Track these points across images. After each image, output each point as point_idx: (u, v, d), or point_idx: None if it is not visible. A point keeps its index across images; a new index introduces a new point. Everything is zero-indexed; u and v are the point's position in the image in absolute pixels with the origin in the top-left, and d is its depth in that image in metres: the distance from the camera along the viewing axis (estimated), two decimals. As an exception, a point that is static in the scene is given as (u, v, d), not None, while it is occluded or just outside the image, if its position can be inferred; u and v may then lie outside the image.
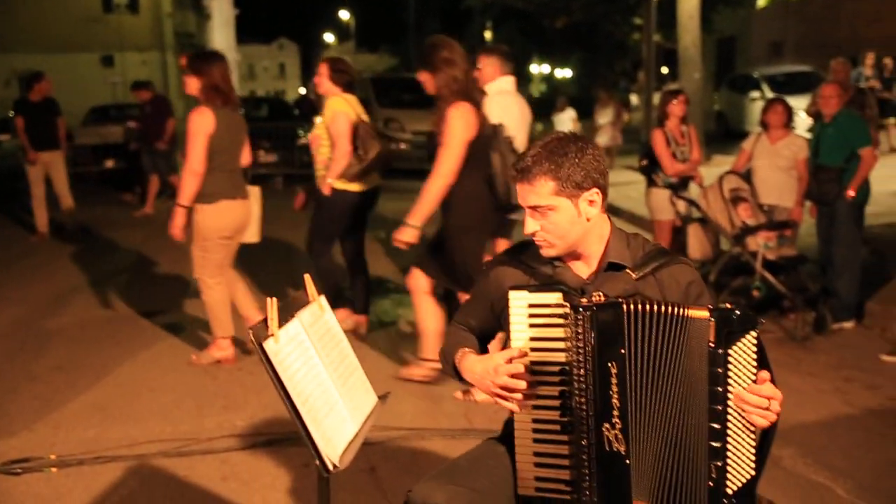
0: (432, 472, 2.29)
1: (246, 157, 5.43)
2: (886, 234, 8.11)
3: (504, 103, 5.89)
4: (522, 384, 2.15)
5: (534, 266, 2.33)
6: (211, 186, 5.09)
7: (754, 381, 2.00)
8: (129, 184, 13.56)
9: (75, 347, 5.88)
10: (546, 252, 2.26)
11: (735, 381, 2.01)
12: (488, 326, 2.49)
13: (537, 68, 44.59)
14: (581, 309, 2.07)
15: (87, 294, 7.40)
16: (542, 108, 19.06)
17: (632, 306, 2.04)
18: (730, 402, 2.01)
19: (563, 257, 2.29)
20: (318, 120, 5.99)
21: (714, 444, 2.02)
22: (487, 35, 39.13)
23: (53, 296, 7.34)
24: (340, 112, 5.63)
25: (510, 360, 2.17)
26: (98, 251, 9.47)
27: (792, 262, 6.25)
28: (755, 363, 2.00)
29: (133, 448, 4.13)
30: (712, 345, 2.00)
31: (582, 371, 2.09)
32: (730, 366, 2.00)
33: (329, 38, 70.93)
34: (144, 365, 5.44)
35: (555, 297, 2.16)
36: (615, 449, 2.08)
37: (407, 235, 4.67)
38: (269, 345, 2.10)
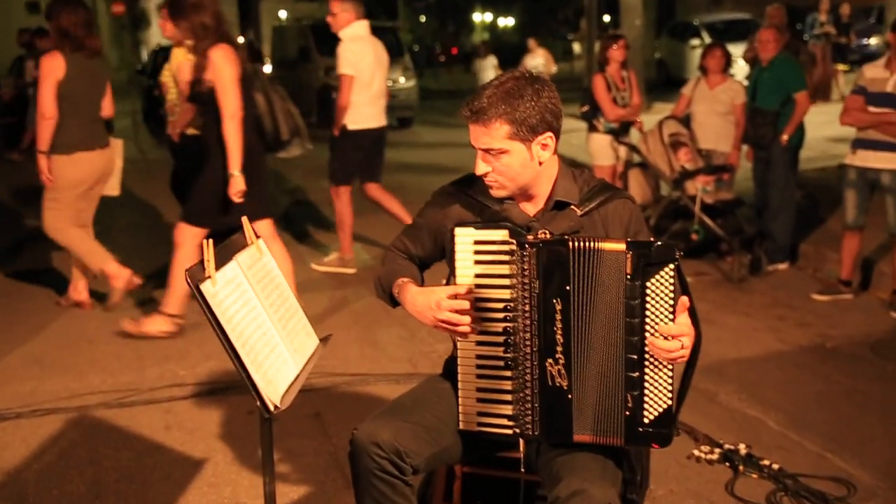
0: (377, 411, 2.30)
1: (108, 108, 5.31)
2: (820, 179, 8.31)
3: (358, 49, 6.00)
4: (465, 319, 2.16)
5: (481, 201, 2.31)
6: (66, 136, 4.98)
7: (672, 314, 2.02)
8: (15, 139, 12.44)
9: (8, 300, 5.74)
10: (496, 193, 2.24)
11: (653, 313, 2.03)
12: (429, 255, 2.46)
13: (480, 16, 44.18)
14: (527, 246, 2.08)
15: (18, 248, 7.20)
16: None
17: (577, 243, 2.05)
18: (647, 334, 2.04)
19: (512, 196, 2.29)
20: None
21: (631, 374, 2.06)
22: (429, -18, 38.54)
23: (-16, 250, 7.15)
24: (186, 62, 5.52)
25: (454, 296, 2.17)
26: (24, 205, 9.19)
27: (729, 206, 6.37)
28: (673, 295, 2.02)
29: (72, 400, 4.06)
30: (629, 277, 2.02)
31: (527, 307, 2.11)
32: (647, 298, 2.02)
33: (267, -16, 69.06)
34: (82, 317, 5.33)
35: (501, 234, 2.15)
36: (558, 384, 2.11)
37: (236, 185, 4.59)
38: (205, 287, 2.06)
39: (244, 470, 3.39)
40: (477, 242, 2.18)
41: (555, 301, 2.07)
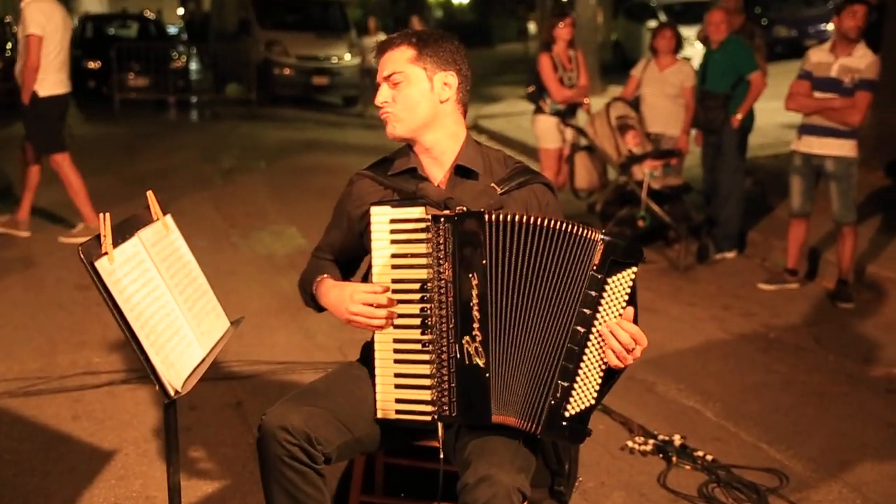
0: (287, 396, 2.28)
1: None
2: (773, 166, 8.45)
3: (46, 9, 6.06)
4: (379, 313, 2.16)
5: (396, 182, 2.32)
6: None
7: (621, 316, 2.05)
8: None
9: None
10: (391, 129, 2.29)
11: (605, 310, 2.05)
12: (354, 248, 2.45)
13: (433, -7, 43.97)
14: (442, 220, 2.07)
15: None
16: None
17: (493, 217, 2.05)
18: (594, 329, 2.05)
19: (413, 148, 2.31)
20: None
21: (567, 364, 2.06)
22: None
23: None
24: None
25: (370, 292, 2.18)
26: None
27: (677, 192, 6.44)
28: (627, 300, 2.05)
29: (-26, 389, 3.96)
30: (595, 268, 2.03)
31: (442, 283, 2.10)
32: (604, 293, 2.04)
33: (209, -47, 67.83)
34: (-10, 301, 5.20)
35: (417, 212, 2.16)
36: (475, 362, 2.09)
37: None
38: (101, 264, 2.02)
39: (156, 462, 3.33)
40: (393, 221, 2.18)
41: (471, 276, 2.07)
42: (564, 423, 2.07)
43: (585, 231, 2.04)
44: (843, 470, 3.36)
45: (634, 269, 2.04)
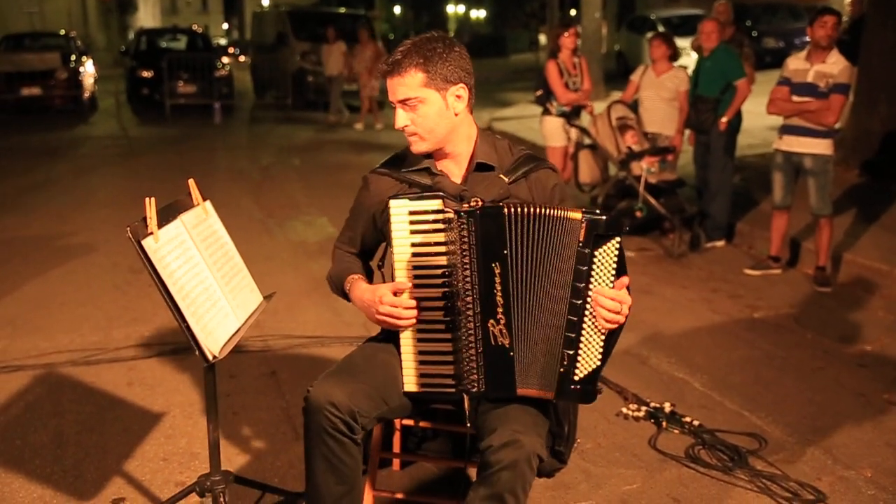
0: (329, 370, 2.25)
1: None
2: (760, 164, 8.39)
3: None
4: (405, 314, 2.14)
5: (412, 176, 2.30)
6: None
7: (612, 283, 2.04)
8: None
9: (-15, 266, 5.66)
10: (416, 147, 2.23)
11: (596, 280, 2.05)
12: (373, 241, 2.45)
13: (453, 8, 43.91)
14: (464, 214, 2.06)
15: None
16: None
17: (512, 209, 2.05)
18: (588, 299, 2.05)
19: (434, 156, 2.27)
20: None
21: (569, 334, 2.07)
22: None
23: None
24: None
25: (396, 292, 2.16)
26: (6, 174, 9.05)
27: (671, 186, 6.42)
28: (615, 267, 2.05)
29: (40, 358, 4.02)
30: (581, 244, 2.03)
31: (467, 272, 2.08)
32: (594, 266, 2.04)
33: (251, -27, 67.97)
34: (55, 281, 5.27)
35: (434, 204, 2.14)
36: (500, 343, 2.09)
37: None
38: (147, 243, 2.06)
39: (199, 423, 3.37)
40: (412, 213, 2.16)
41: (493, 265, 2.06)
42: (574, 387, 2.08)
43: (568, 213, 2.04)
44: (816, 435, 3.35)
45: (617, 239, 2.02)
